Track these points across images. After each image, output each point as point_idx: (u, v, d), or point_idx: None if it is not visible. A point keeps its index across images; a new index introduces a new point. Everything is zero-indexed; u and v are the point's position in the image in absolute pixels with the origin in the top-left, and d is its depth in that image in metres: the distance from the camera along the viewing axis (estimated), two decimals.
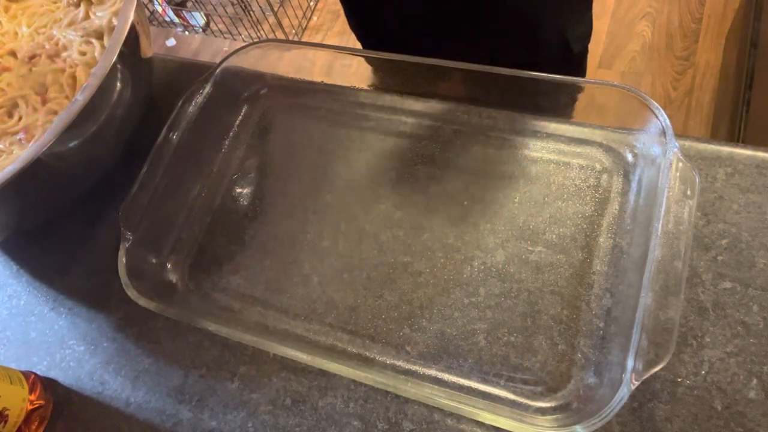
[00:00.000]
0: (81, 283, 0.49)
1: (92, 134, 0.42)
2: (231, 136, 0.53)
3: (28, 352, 0.47)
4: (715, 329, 0.38)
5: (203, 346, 0.44)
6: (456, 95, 0.49)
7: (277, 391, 0.42)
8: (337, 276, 0.45)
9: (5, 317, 0.49)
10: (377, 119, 0.51)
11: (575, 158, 0.46)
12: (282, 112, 0.54)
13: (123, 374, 0.45)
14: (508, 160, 0.47)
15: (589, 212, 0.43)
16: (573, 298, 0.40)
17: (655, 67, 1.45)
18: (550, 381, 0.38)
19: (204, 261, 0.48)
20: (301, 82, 0.54)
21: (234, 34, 1.73)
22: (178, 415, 0.42)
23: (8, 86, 0.46)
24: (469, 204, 0.45)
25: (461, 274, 0.43)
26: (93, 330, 0.47)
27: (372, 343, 0.42)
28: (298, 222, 0.48)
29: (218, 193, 0.51)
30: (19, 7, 0.51)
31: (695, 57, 1.44)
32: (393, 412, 0.40)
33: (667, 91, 1.42)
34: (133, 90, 0.46)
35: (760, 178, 0.42)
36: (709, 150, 0.44)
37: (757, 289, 0.39)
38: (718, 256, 0.40)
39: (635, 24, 1.52)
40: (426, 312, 0.42)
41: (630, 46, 1.49)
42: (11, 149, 0.44)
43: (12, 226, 0.49)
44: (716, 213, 0.42)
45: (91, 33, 0.48)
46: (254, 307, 0.45)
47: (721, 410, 0.36)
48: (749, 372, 0.37)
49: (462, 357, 0.40)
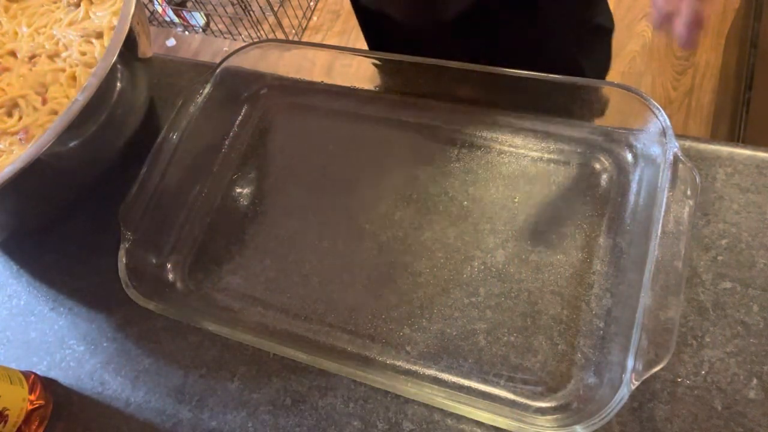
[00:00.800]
0: (81, 283, 0.49)
1: (92, 134, 0.42)
2: (231, 136, 0.53)
3: (28, 352, 0.47)
4: (715, 329, 0.38)
5: (203, 346, 0.44)
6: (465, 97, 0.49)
7: (277, 391, 0.42)
8: (337, 276, 0.45)
9: (5, 317, 0.49)
10: (377, 119, 0.51)
11: (575, 158, 0.46)
12: (282, 112, 0.54)
13: (123, 374, 0.45)
14: (508, 160, 0.47)
15: (589, 212, 0.43)
16: (573, 298, 0.40)
17: (655, 67, 1.45)
18: (550, 381, 0.38)
19: (204, 261, 0.48)
20: (301, 82, 0.54)
21: (234, 34, 1.73)
22: (178, 415, 0.42)
23: (8, 86, 0.46)
24: (469, 204, 0.45)
25: (461, 274, 0.43)
26: (93, 330, 0.47)
27: (372, 343, 0.42)
28: (298, 222, 0.48)
29: (218, 193, 0.51)
30: (19, 7, 0.51)
31: (695, 57, 1.44)
32: (393, 412, 0.40)
33: (667, 91, 1.42)
34: (133, 90, 0.46)
35: (760, 178, 0.42)
36: (709, 150, 0.44)
37: (757, 289, 0.39)
38: (718, 256, 0.40)
39: (635, 24, 1.52)
40: (426, 312, 0.42)
41: (630, 46, 1.49)
42: (11, 149, 0.44)
43: (12, 226, 0.48)
44: (716, 213, 0.42)
45: (91, 33, 0.48)
46: (254, 307, 0.45)
47: (721, 410, 0.36)
48: (749, 372, 0.37)
49: (462, 357, 0.40)
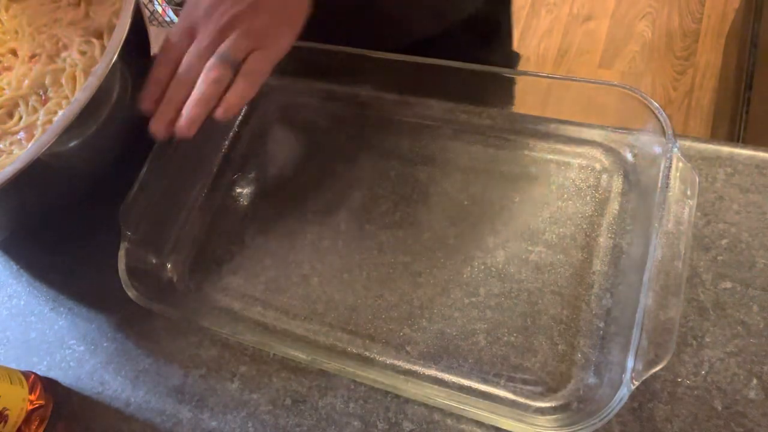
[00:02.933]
0: (81, 283, 0.49)
1: (92, 134, 0.42)
2: (231, 136, 0.53)
3: (28, 352, 0.47)
4: (715, 329, 0.38)
5: (203, 346, 0.44)
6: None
7: (277, 391, 0.42)
8: (337, 276, 0.45)
9: (5, 317, 0.49)
10: (377, 119, 0.51)
11: (575, 158, 0.46)
12: (282, 112, 0.54)
13: (123, 374, 0.45)
14: (508, 160, 0.47)
15: (589, 212, 0.43)
16: (573, 298, 0.40)
17: (655, 67, 1.45)
18: (550, 381, 0.38)
19: (204, 261, 0.48)
20: (300, 82, 0.54)
21: None
22: (178, 415, 0.42)
23: (8, 86, 0.46)
24: (469, 204, 0.45)
25: (461, 274, 0.43)
26: (93, 330, 0.47)
27: (372, 343, 0.42)
28: (298, 222, 0.48)
29: (218, 193, 0.51)
30: (19, 6, 0.51)
31: (695, 57, 1.44)
32: (393, 412, 0.40)
33: (667, 91, 1.42)
34: (133, 90, 0.46)
35: (760, 178, 0.42)
36: (709, 150, 0.44)
37: (757, 289, 0.39)
38: (718, 256, 0.40)
39: (635, 24, 1.52)
40: (426, 312, 0.42)
41: (630, 46, 1.49)
42: (11, 149, 0.44)
43: (12, 226, 0.48)
44: (716, 213, 0.42)
45: (91, 32, 0.48)
46: (254, 307, 0.45)
47: (721, 410, 0.36)
48: (749, 372, 0.37)
49: (462, 357, 0.40)
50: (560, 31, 1.58)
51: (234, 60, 0.40)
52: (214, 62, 0.40)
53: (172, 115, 0.40)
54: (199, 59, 0.40)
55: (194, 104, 0.39)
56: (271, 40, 0.41)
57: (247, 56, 0.41)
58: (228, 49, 0.40)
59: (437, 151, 0.48)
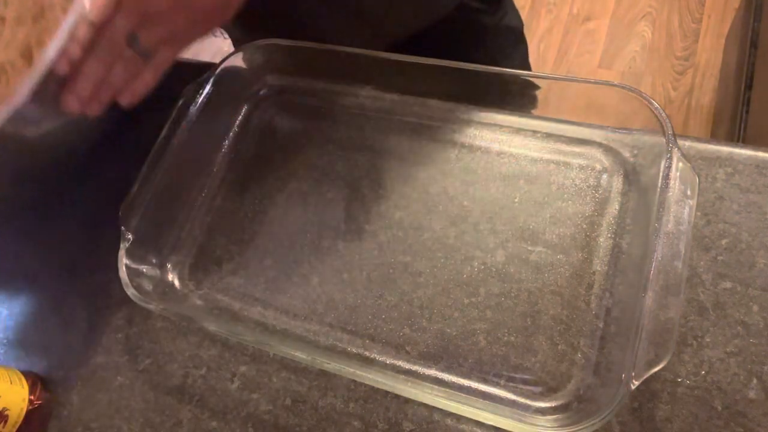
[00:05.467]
0: (81, 283, 0.49)
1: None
2: (231, 136, 0.53)
3: (28, 352, 0.47)
4: (715, 329, 0.38)
5: (203, 346, 0.44)
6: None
7: (277, 391, 0.42)
8: (337, 276, 0.45)
9: (5, 317, 0.49)
10: (377, 119, 0.51)
11: (575, 158, 0.46)
12: (282, 112, 0.54)
13: (123, 374, 0.45)
14: (508, 160, 0.47)
15: (589, 212, 0.43)
16: (573, 298, 0.40)
17: (655, 67, 1.45)
18: (550, 381, 0.38)
19: (204, 261, 0.48)
20: (301, 82, 0.54)
21: None
22: (178, 415, 0.42)
23: None
24: (469, 204, 0.45)
25: (461, 274, 0.43)
26: (93, 330, 0.47)
27: (372, 343, 0.42)
28: (298, 222, 0.48)
29: (218, 193, 0.51)
30: None
31: (695, 57, 1.44)
32: (393, 412, 0.40)
33: (667, 91, 1.42)
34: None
35: (760, 178, 0.42)
36: (709, 150, 0.44)
37: (757, 289, 0.39)
38: (718, 256, 0.40)
39: (635, 24, 1.52)
40: (426, 312, 0.42)
41: (630, 46, 1.49)
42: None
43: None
44: (716, 213, 0.42)
45: None
46: (254, 307, 0.45)
47: (721, 410, 0.36)
48: (749, 372, 0.37)
49: (462, 357, 0.40)
50: (560, 31, 1.58)
51: (148, 52, 0.41)
52: (132, 53, 0.40)
53: (87, 93, 0.41)
54: (119, 44, 0.40)
55: (108, 88, 0.41)
56: (186, 34, 0.42)
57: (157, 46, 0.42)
58: (147, 43, 0.41)
59: (438, 151, 0.48)
